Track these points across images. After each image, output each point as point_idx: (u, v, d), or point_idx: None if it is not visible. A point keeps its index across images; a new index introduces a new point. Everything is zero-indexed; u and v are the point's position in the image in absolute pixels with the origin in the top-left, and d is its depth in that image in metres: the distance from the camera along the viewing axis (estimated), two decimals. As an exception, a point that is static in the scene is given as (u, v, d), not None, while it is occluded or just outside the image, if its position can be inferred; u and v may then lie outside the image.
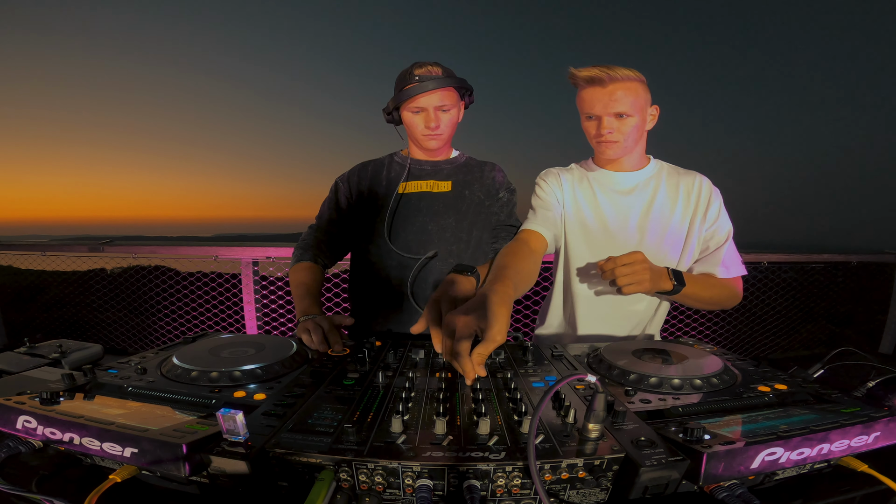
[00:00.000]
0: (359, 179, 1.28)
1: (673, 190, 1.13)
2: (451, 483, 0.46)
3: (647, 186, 1.14)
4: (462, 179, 1.27)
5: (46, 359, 0.88)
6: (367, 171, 1.29)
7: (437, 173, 1.27)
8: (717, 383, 0.68)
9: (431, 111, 1.14)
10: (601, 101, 1.03)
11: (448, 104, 1.15)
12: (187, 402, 0.63)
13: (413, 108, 1.15)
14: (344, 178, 1.30)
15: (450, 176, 1.27)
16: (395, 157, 1.31)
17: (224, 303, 2.63)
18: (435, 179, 1.26)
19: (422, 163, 1.28)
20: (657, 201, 1.13)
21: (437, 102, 1.13)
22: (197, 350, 0.79)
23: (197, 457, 0.46)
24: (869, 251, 2.87)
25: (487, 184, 1.28)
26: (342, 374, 0.70)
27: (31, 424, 0.52)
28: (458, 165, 1.30)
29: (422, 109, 1.15)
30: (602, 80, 1.02)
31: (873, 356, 0.90)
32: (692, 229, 1.11)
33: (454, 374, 0.71)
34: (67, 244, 2.57)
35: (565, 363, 0.78)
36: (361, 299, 1.29)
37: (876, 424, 0.52)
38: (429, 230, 1.21)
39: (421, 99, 1.12)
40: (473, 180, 1.27)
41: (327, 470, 0.46)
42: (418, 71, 1.13)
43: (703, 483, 0.46)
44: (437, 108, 1.14)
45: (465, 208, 1.24)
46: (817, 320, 3.14)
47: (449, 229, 1.22)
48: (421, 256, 1.19)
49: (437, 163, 1.29)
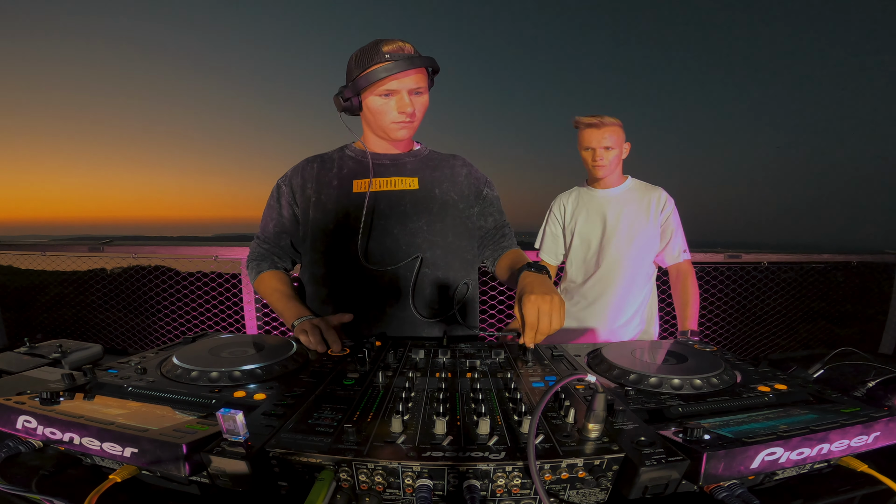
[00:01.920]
0: (303, 180, 1.11)
1: (643, 200, 1.63)
2: (451, 483, 0.46)
3: (624, 197, 1.65)
4: (430, 176, 1.12)
5: (46, 359, 0.88)
6: (312, 170, 1.12)
7: (399, 169, 1.11)
8: (717, 383, 0.68)
9: (405, 95, 0.99)
10: (596, 139, 1.57)
11: (422, 87, 1.01)
12: (187, 402, 0.63)
13: (383, 92, 0.99)
14: (286, 180, 1.12)
15: (415, 171, 1.12)
16: (347, 151, 1.14)
17: (224, 303, 2.63)
18: (398, 176, 1.10)
19: (380, 157, 1.11)
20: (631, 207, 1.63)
21: (413, 85, 0.99)
22: (197, 350, 0.79)
23: (197, 457, 0.46)
24: (869, 251, 2.87)
25: (460, 182, 1.15)
26: (342, 374, 0.70)
27: (31, 424, 0.52)
28: (423, 159, 1.15)
29: (393, 93, 0.99)
30: (597, 125, 1.57)
31: (873, 356, 0.90)
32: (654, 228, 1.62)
33: (454, 374, 0.71)
34: (67, 244, 2.57)
35: (565, 363, 0.78)
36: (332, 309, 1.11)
37: (876, 424, 0.52)
38: (394, 234, 1.07)
39: (393, 81, 0.97)
40: (443, 178, 1.14)
41: (327, 470, 0.46)
42: (387, 48, 0.96)
43: (703, 483, 0.46)
44: (411, 91, 1.00)
45: (437, 209, 1.10)
46: (817, 320, 3.14)
47: (419, 233, 1.08)
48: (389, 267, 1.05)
49: (399, 156, 1.13)
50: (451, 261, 1.11)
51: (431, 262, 1.09)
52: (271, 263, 1.14)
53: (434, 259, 1.09)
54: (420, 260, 1.07)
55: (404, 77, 0.98)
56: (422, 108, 1.05)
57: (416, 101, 1.02)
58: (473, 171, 1.19)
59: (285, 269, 1.17)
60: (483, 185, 1.19)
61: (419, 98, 1.03)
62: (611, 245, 1.61)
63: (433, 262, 1.09)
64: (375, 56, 0.97)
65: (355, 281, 1.07)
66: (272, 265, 1.14)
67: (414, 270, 1.08)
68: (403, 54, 0.97)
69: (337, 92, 1.05)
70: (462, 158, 1.20)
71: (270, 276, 1.12)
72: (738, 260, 2.67)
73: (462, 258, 1.14)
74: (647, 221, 1.60)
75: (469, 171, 1.18)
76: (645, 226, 1.60)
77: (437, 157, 1.18)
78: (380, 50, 0.97)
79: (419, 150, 1.18)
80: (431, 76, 1.06)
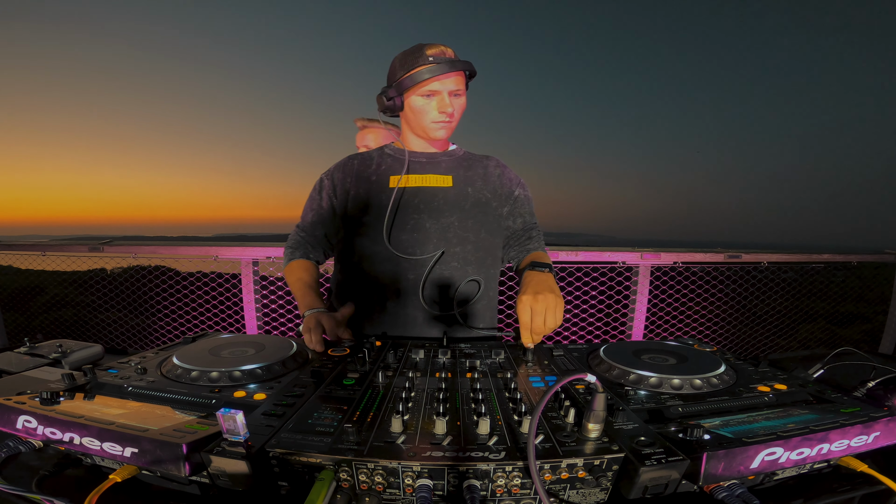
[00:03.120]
0: (343, 175, 1.18)
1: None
2: (451, 483, 0.46)
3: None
4: (463, 175, 1.18)
5: (46, 359, 0.88)
6: (353, 165, 1.19)
7: (435, 167, 1.17)
8: (717, 383, 0.68)
9: (446, 95, 1.06)
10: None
11: (461, 89, 1.08)
12: (187, 402, 0.63)
13: (425, 93, 1.06)
14: (328, 174, 1.20)
15: (449, 170, 1.18)
16: (386, 149, 1.21)
17: (224, 303, 2.63)
18: (433, 173, 1.16)
19: (417, 155, 1.18)
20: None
21: (453, 86, 1.05)
22: (197, 350, 0.79)
23: (197, 457, 0.46)
24: (869, 251, 2.87)
25: (493, 182, 1.20)
26: (342, 374, 0.70)
27: (32, 424, 0.52)
28: (458, 159, 1.21)
29: (435, 94, 1.06)
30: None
31: (873, 356, 0.90)
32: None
33: (454, 374, 0.71)
34: (67, 244, 2.57)
35: (565, 363, 0.78)
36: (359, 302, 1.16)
37: (876, 424, 0.52)
38: (426, 228, 1.12)
39: (435, 82, 1.04)
40: (476, 177, 1.19)
41: (327, 470, 0.46)
42: (430, 51, 1.04)
43: (703, 483, 0.46)
44: (451, 92, 1.06)
45: (468, 206, 1.15)
46: (817, 320, 3.14)
47: (451, 229, 1.12)
48: (417, 256, 1.10)
49: (434, 155, 1.19)
50: (482, 257, 1.15)
51: (462, 257, 1.13)
52: (303, 253, 1.19)
53: (464, 254, 1.13)
54: (441, 253, 1.11)
55: (445, 78, 1.04)
56: (460, 109, 1.11)
57: (455, 102, 1.08)
58: (507, 171, 1.23)
59: (316, 260, 1.22)
60: (515, 186, 1.22)
61: (458, 99, 1.09)
62: None
63: (463, 257, 1.13)
64: (419, 58, 1.04)
65: (384, 270, 1.11)
66: (304, 254, 1.19)
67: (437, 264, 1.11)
68: (445, 57, 1.04)
69: (379, 92, 1.11)
70: (496, 160, 1.24)
71: (298, 265, 1.17)
72: (738, 260, 2.67)
73: (493, 255, 1.19)
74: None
75: (502, 171, 1.22)
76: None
77: (471, 158, 1.23)
78: (423, 53, 1.04)
79: (455, 150, 1.24)
80: (468, 79, 1.12)
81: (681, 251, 2.59)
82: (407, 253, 1.10)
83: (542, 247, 1.23)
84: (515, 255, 1.22)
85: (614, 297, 2.66)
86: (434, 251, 1.11)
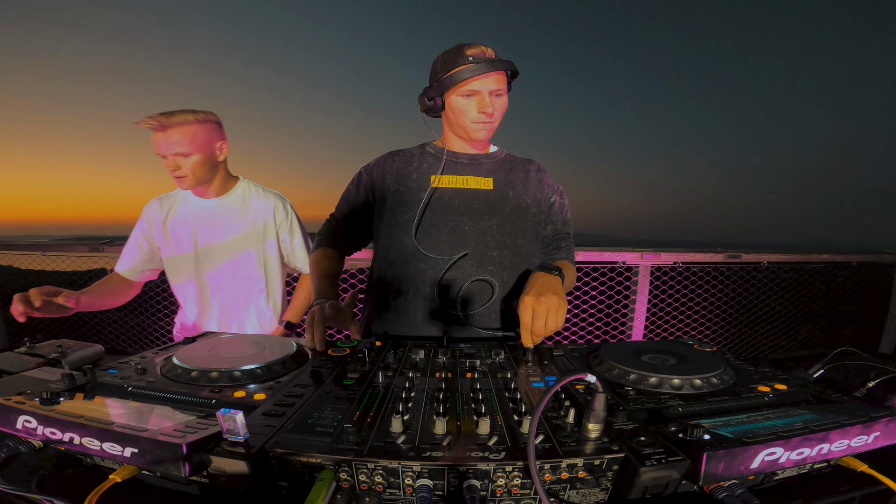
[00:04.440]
0: (384, 171, 1.17)
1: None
2: (451, 483, 0.46)
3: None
4: (504, 178, 1.16)
5: (46, 359, 0.88)
6: (393, 163, 1.18)
7: (475, 168, 1.15)
8: (717, 383, 0.68)
9: (486, 95, 1.04)
10: (162, 145, 1.26)
11: (502, 89, 1.06)
12: (187, 402, 0.63)
13: (465, 93, 1.04)
14: (368, 169, 1.20)
15: (490, 172, 1.16)
16: (428, 148, 1.20)
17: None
18: (474, 175, 1.14)
19: (458, 155, 1.16)
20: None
21: (493, 86, 1.04)
22: (197, 350, 0.79)
23: (197, 457, 0.46)
24: (869, 251, 2.87)
25: (533, 186, 1.18)
26: (342, 374, 0.70)
27: (31, 424, 0.52)
28: (499, 161, 1.19)
29: (475, 93, 1.04)
30: (161, 127, 1.25)
31: (873, 356, 0.90)
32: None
33: (454, 374, 0.71)
34: (67, 244, 2.57)
35: (565, 363, 0.78)
36: (380, 298, 1.18)
37: (876, 424, 0.52)
38: (465, 230, 1.10)
39: (476, 81, 1.02)
40: (517, 180, 1.16)
41: (327, 470, 0.46)
42: (471, 51, 1.02)
43: (702, 483, 0.46)
44: (492, 92, 1.04)
45: (508, 211, 1.13)
46: (817, 320, 3.14)
47: (489, 232, 1.11)
48: (448, 257, 1.09)
49: (476, 156, 1.17)
50: (518, 263, 1.14)
51: (499, 261, 1.11)
52: (331, 242, 1.21)
53: (501, 259, 1.12)
54: (465, 254, 1.11)
55: (485, 78, 1.03)
56: (500, 110, 1.09)
57: (496, 102, 1.07)
58: (546, 177, 1.21)
59: (343, 251, 1.23)
60: (553, 193, 1.20)
61: (498, 99, 1.07)
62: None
63: (500, 262, 1.12)
64: (460, 58, 1.03)
65: (416, 269, 1.11)
66: (331, 244, 1.20)
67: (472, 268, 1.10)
68: (485, 57, 1.03)
69: (421, 92, 1.12)
70: (537, 164, 1.22)
71: (321, 253, 1.18)
72: (738, 260, 2.67)
73: (530, 262, 1.17)
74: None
75: (542, 177, 1.20)
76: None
77: (512, 161, 1.21)
78: (463, 53, 1.03)
79: (496, 152, 1.22)
80: (510, 80, 1.10)
81: (681, 251, 2.59)
82: (445, 254, 1.10)
83: (571, 258, 1.21)
84: (541, 263, 1.21)
85: (614, 297, 2.66)
86: (472, 254, 1.11)
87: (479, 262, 1.10)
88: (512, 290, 1.14)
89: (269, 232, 1.46)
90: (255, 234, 1.44)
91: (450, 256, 1.10)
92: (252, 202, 1.45)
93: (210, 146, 1.33)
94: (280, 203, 1.47)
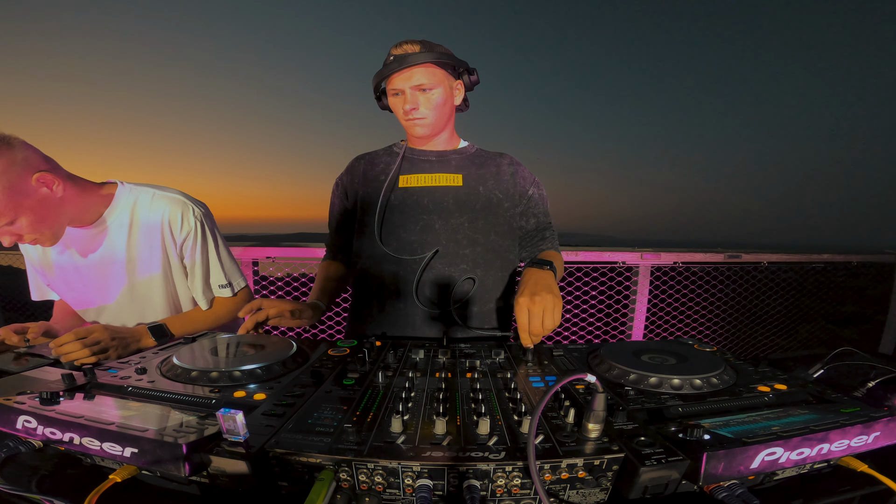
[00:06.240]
0: (352, 177, 1.18)
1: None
2: (451, 483, 0.46)
3: None
4: (475, 173, 1.14)
5: (46, 359, 0.88)
6: (360, 166, 1.18)
7: (444, 165, 1.13)
8: (717, 383, 0.68)
9: (409, 92, 1.02)
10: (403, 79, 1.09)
11: (428, 83, 1.02)
12: (187, 402, 0.63)
13: (392, 92, 1.04)
14: (341, 177, 1.22)
15: (459, 168, 1.13)
16: (395, 148, 1.19)
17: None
18: (442, 172, 1.12)
19: (426, 153, 1.15)
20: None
21: (415, 82, 1.01)
22: (197, 350, 0.79)
23: (197, 457, 0.46)
24: (869, 251, 2.87)
25: (506, 181, 1.14)
26: (342, 374, 0.70)
27: (31, 424, 0.52)
28: (469, 157, 1.17)
29: (400, 91, 1.03)
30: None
31: (873, 356, 0.90)
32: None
33: (454, 374, 0.71)
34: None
35: (565, 363, 0.78)
36: (358, 304, 1.19)
37: (876, 424, 0.52)
38: (435, 229, 1.09)
39: (395, 79, 1.02)
40: (488, 175, 1.14)
41: (327, 470, 0.46)
42: (395, 50, 1.02)
43: (702, 483, 0.46)
44: (415, 88, 1.02)
45: (479, 206, 1.11)
46: (817, 320, 3.14)
47: (460, 229, 1.09)
48: (417, 257, 1.08)
49: (444, 153, 1.15)
50: (491, 259, 1.12)
51: (471, 259, 1.10)
52: (331, 255, 1.27)
53: (474, 256, 1.10)
54: (435, 252, 1.09)
55: (403, 74, 1.01)
56: (431, 105, 1.05)
57: (422, 98, 1.04)
58: (521, 170, 1.18)
59: (344, 261, 1.25)
60: (529, 185, 1.17)
61: (425, 94, 1.04)
62: None
63: (472, 259, 1.10)
64: (386, 59, 1.03)
65: (386, 271, 1.11)
66: (331, 256, 1.26)
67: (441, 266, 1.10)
68: (404, 54, 1.00)
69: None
70: (510, 157, 1.18)
71: (322, 266, 1.25)
72: (738, 260, 2.67)
73: (504, 258, 1.15)
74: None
75: (516, 170, 1.17)
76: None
77: (483, 155, 1.18)
78: (389, 52, 1.03)
79: (465, 147, 1.19)
80: (455, 72, 1.07)
81: (681, 251, 2.59)
82: (416, 254, 1.09)
83: (556, 247, 1.21)
84: (528, 255, 1.21)
85: (614, 297, 2.66)
86: (446, 253, 1.10)
87: (452, 260, 1.09)
88: (491, 287, 1.13)
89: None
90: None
91: (420, 256, 1.08)
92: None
93: (20, 188, 0.87)
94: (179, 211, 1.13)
